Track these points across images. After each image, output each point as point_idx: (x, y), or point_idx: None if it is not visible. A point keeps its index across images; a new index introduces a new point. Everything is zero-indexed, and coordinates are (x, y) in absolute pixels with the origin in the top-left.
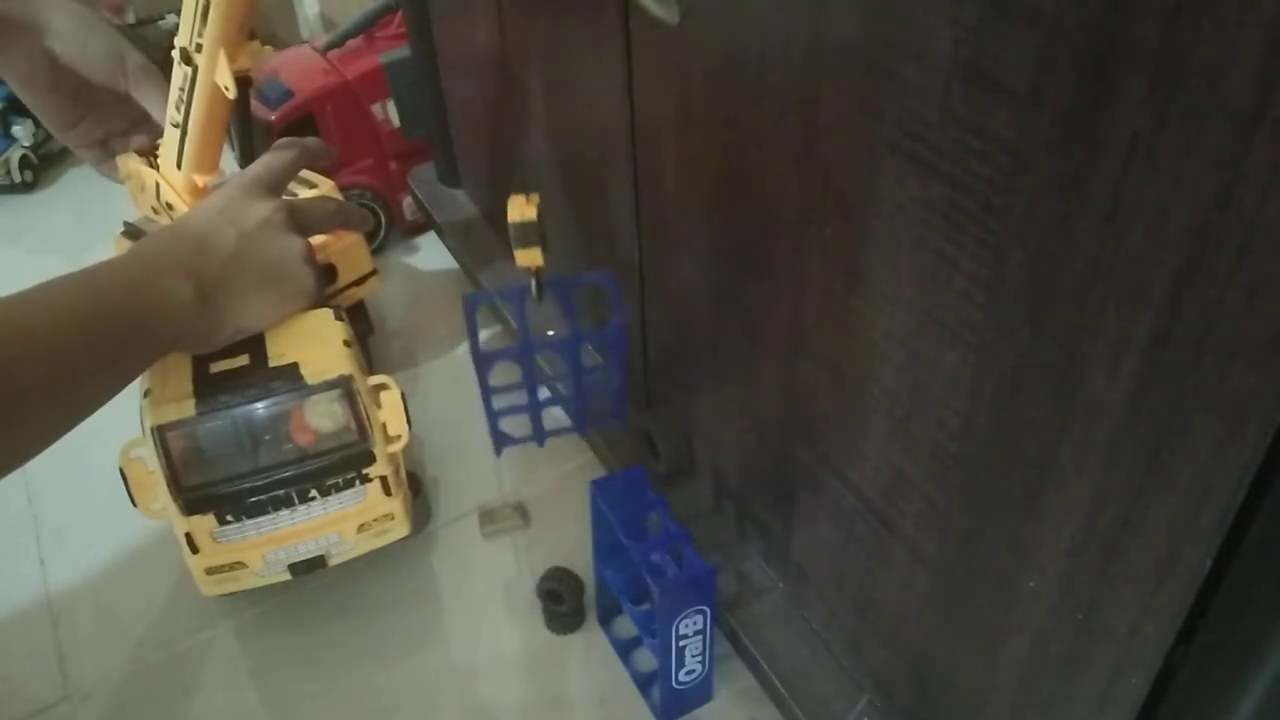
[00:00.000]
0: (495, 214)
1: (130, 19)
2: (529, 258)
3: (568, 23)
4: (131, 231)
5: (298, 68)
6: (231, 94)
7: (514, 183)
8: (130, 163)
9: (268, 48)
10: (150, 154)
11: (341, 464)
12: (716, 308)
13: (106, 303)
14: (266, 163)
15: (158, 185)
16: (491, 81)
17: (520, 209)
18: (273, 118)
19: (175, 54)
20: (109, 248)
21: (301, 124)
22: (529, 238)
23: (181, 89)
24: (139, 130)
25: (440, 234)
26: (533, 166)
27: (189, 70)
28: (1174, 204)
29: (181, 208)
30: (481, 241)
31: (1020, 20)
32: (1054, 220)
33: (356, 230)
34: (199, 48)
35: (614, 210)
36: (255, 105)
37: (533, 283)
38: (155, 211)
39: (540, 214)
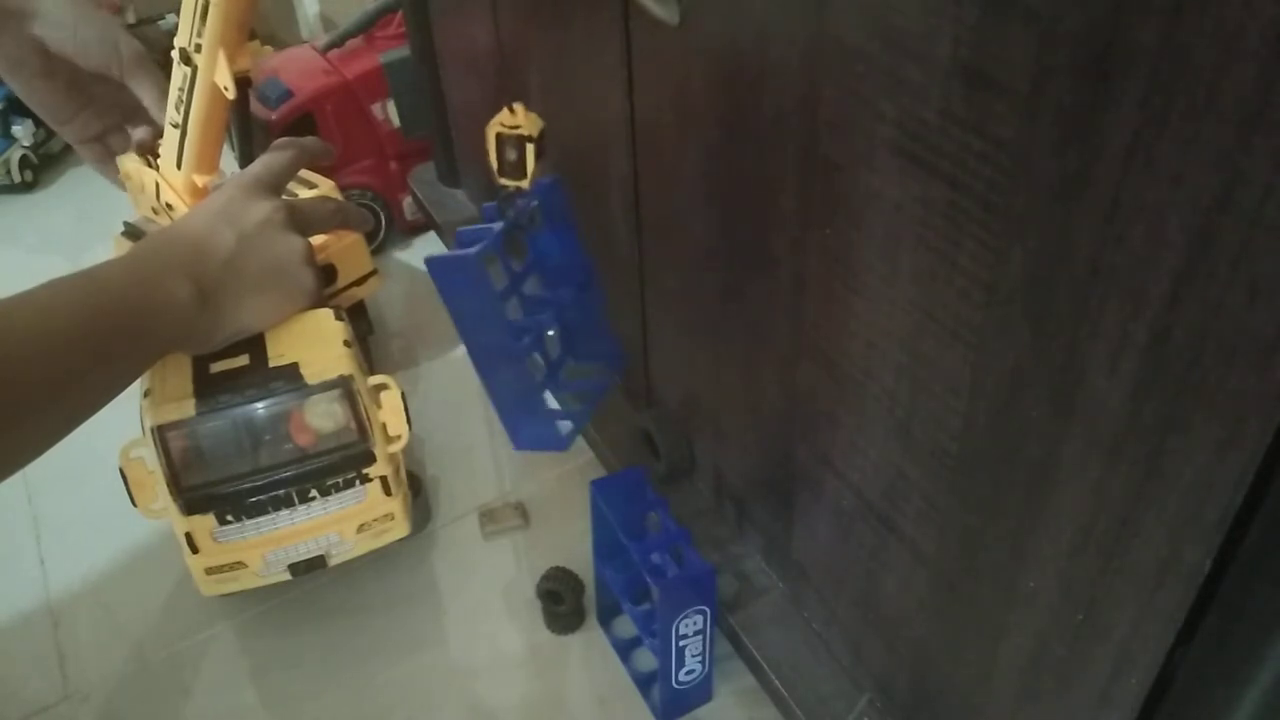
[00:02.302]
0: None
1: (130, 19)
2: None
3: (568, 23)
4: (131, 231)
5: (298, 68)
6: (231, 94)
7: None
8: (129, 163)
9: (267, 48)
10: (150, 154)
11: (341, 464)
12: (717, 308)
13: (107, 304)
14: (266, 163)
15: (157, 185)
16: (491, 81)
17: (500, 116)
18: (273, 118)
19: (175, 54)
20: (109, 248)
21: (301, 124)
22: (493, 145)
23: (181, 89)
24: (136, 122)
25: (440, 234)
26: None
27: (188, 70)
28: (1174, 204)
29: (181, 208)
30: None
31: (1020, 20)
32: (1054, 220)
33: (356, 230)
34: (198, 48)
35: (614, 210)
36: (255, 105)
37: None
38: (155, 212)
39: (505, 136)
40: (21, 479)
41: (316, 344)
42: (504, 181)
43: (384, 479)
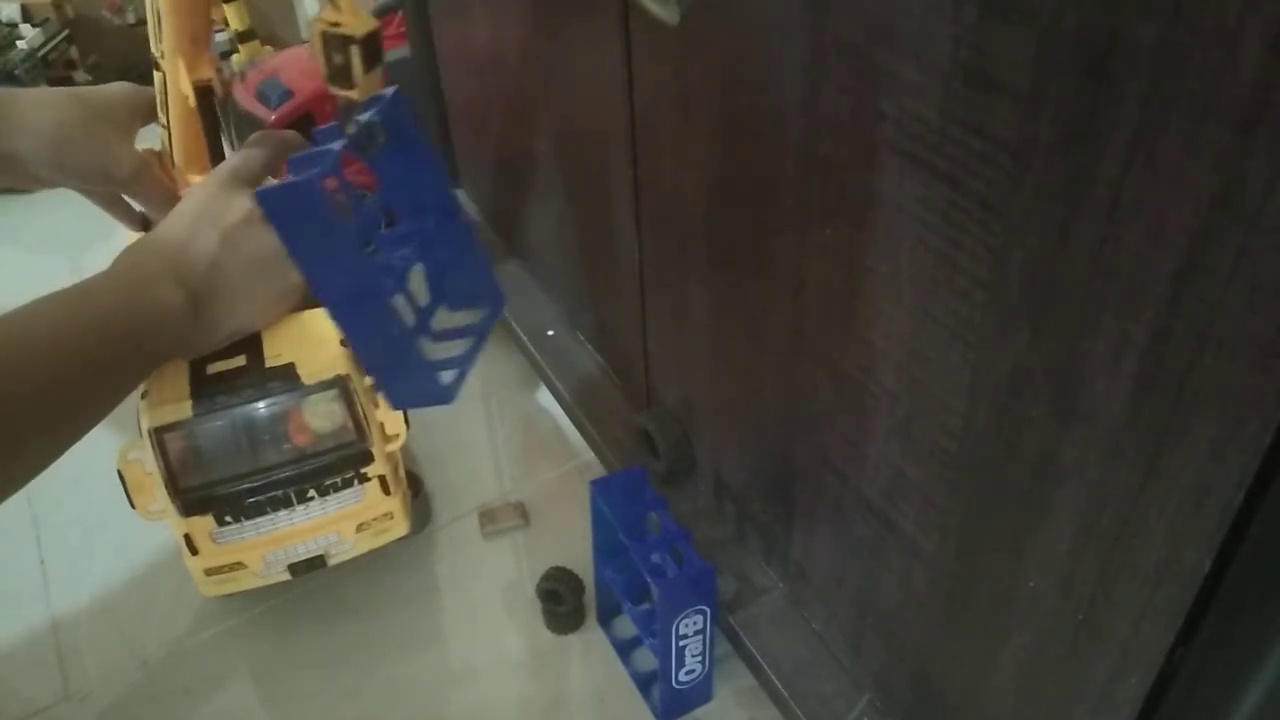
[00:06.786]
0: (497, 214)
1: (130, 19)
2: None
3: (568, 23)
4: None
5: (297, 68)
6: (191, 103)
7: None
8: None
9: (268, 47)
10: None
11: (340, 464)
12: (717, 307)
13: (99, 317)
14: (244, 156)
15: None
16: (491, 81)
17: (325, 12)
18: (272, 118)
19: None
20: (109, 248)
21: (301, 124)
22: (319, 47)
23: (162, 92)
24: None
25: None
26: (532, 166)
27: (161, 75)
28: (1174, 204)
29: None
30: (482, 241)
31: (1020, 20)
32: (1054, 220)
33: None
34: (164, 54)
35: (614, 210)
36: (255, 105)
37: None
38: None
39: (329, 35)
40: None
41: (313, 344)
42: (334, 90)
43: (382, 478)
